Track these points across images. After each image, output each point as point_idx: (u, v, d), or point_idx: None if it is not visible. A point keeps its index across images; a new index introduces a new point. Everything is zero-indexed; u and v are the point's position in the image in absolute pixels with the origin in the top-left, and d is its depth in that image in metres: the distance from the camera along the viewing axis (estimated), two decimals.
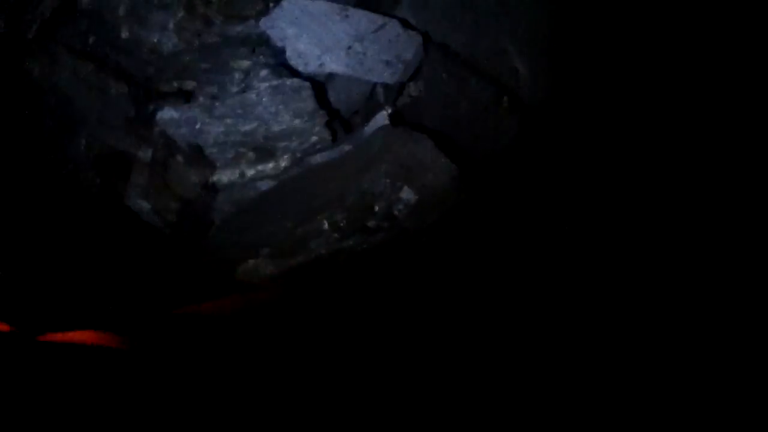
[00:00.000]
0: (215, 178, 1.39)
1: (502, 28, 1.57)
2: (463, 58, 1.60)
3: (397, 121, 1.46)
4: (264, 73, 1.45)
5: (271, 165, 1.39)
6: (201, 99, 1.42)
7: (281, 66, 1.47)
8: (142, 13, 1.45)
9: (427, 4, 1.62)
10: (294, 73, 1.47)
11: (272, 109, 1.40)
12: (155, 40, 1.44)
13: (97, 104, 1.37)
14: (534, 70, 1.53)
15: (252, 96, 1.42)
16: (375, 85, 1.52)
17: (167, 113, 1.39)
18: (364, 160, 1.39)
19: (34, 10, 1.35)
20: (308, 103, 1.41)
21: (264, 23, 1.49)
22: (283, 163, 1.39)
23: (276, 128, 1.40)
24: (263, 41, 1.50)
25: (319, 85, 1.47)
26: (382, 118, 1.42)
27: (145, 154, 1.38)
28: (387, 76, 1.51)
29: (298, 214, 1.34)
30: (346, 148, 1.41)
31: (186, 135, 1.40)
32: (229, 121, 1.41)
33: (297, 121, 1.40)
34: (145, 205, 1.36)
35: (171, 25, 1.46)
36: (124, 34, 1.43)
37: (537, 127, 1.48)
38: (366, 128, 1.43)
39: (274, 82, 1.42)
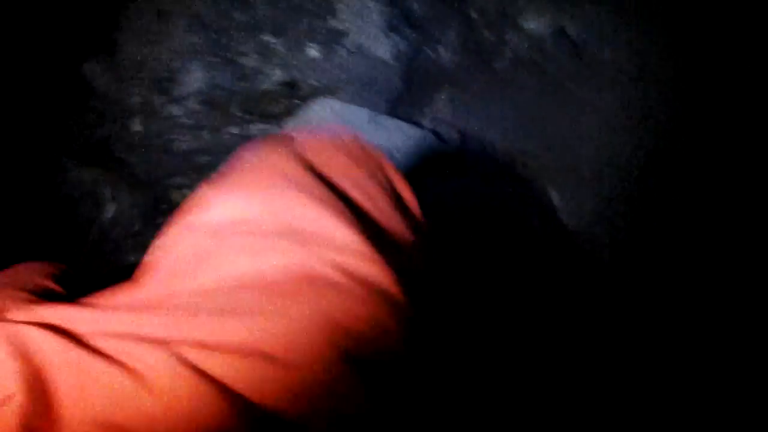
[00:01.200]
0: None
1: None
2: (502, 157, 1.46)
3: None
4: None
5: None
6: None
7: None
8: (156, 104, 1.31)
9: (465, 102, 1.46)
10: None
11: None
12: (168, 137, 1.31)
13: (102, 214, 1.27)
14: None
15: None
16: None
17: None
18: None
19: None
20: None
21: (288, 125, 1.34)
22: None
23: None
24: None
25: None
26: None
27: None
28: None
29: None
30: None
31: None
32: None
33: None
34: None
35: (186, 120, 1.32)
36: (136, 128, 1.30)
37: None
38: None
39: None
